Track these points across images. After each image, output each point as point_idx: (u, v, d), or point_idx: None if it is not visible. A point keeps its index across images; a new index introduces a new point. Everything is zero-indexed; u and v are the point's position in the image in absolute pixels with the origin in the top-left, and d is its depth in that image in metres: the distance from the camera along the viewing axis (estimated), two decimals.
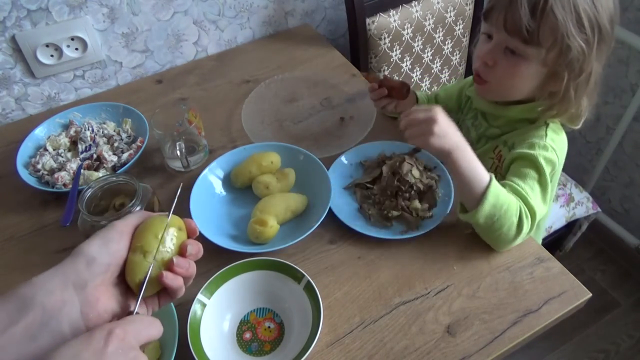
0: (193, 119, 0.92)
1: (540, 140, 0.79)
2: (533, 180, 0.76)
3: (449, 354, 0.67)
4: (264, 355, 0.68)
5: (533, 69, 0.75)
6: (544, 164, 0.76)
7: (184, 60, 1.24)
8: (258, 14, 1.25)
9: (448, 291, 0.74)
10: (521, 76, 0.77)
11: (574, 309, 0.72)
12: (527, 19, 0.70)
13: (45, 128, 1.00)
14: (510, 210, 0.71)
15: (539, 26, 0.70)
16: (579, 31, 0.70)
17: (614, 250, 1.70)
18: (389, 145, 0.94)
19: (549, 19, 0.70)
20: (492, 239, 0.76)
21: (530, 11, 0.70)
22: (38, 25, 1.02)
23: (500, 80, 0.79)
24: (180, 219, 0.52)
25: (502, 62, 0.77)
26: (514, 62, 0.76)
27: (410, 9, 1.27)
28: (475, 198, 0.71)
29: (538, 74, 0.76)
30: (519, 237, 0.73)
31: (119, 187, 0.76)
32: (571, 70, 0.73)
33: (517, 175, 0.77)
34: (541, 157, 0.76)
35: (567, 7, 0.69)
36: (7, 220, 0.88)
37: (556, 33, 0.70)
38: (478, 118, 0.93)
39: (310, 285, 0.71)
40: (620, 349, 1.50)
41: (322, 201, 0.83)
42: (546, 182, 0.76)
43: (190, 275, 0.49)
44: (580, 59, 0.72)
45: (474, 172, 0.71)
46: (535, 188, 0.76)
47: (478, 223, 0.72)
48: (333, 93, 1.11)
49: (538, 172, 0.76)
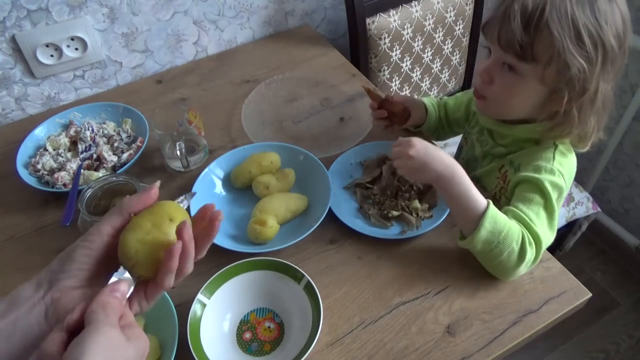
0: (193, 119, 0.92)
1: (547, 164, 0.74)
2: (538, 205, 0.72)
3: (449, 354, 0.67)
4: (264, 355, 0.68)
5: (531, 86, 0.71)
6: (550, 189, 0.72)
7: (184, 60, 1.24)
8: (258, 14, 1.25)
9: (448, 291, 0.74)
10: (518, 94, 0.73)
11: (574, 309, 0.72)
12: (520, 34, 0.66)
13: (45, 128, 1.00)
14: (510, 237, 0.68)
15: (533, 41, 0.67)
16: (578, 48, 0.65)
17: (614, 250, 1.70)
18: (389, 145, 0.93)
19: (543, 34, 0.66)
20: (492, 266, 0.73)
21: (523, 25, 0.66)
22: (38, 25, 1.02)
23: (497, 97, 0.76)
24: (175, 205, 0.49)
25: (499, 79, 0.74)
26: (511, 79, 0.72)
27: (410, 9, 1.27)
28: (471, 224, 0.69)
29: (537, 92, 0.72)
30: (521, 265, 0.69)
31: (119, 187, 0.76)
32: (572, 89, 0.68)
33: (521, 200, 0.73)
34: (547, 181, 0.72)
35: (564, 21, 0.65)
36: (7, 220, 0.88)
37: (552, 49, 0.66)
38: (484, 134, 0.89)
39: (310, 285, 0.71)
40: (620, 349, 1.50)
41: (322, 201, 0.83)
42: (552, 208, 0.72)
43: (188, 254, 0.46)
44: (581, 78, 0.67)
45: (466, 198, 0.70)
46: (541, 214, 0.72)
47: (475, 249, 0.71)
48: (333, 93, 1.11)
49: (544, 198, 0.72)
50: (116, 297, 0.42)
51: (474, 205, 0.69)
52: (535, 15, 0.65)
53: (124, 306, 0.43)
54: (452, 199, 0.71)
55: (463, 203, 0.70)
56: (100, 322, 0.39)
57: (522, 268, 0.70)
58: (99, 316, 0.39)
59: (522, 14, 0.66)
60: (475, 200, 0.70)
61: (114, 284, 0.42)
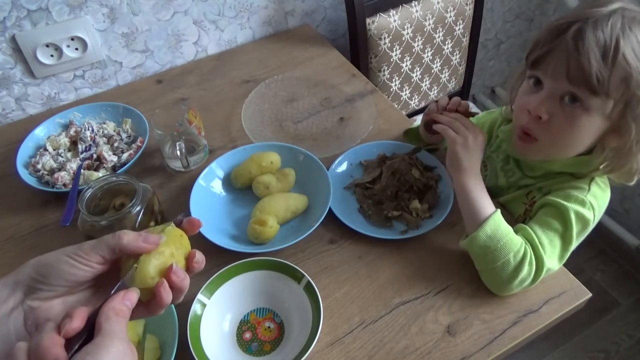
0: (193, 119, 0.92)
1: (580, 194, 0.70)
2: (555, 232, 0.70)
3: (449, 354, 0.67)
4: (264, 355, 0.68)
5: (595, 121, 0.65)
6: (574, 220, 0.69)
7: (184, 60, 1.24)
8: (258, 14, 1.25)
9: (448, 291, 0.74)
10: (581, 131, 0.67)
11: (574, 309, 0.72)
12: (598, 66, 0.61)
13: (45, 128, 1.00)
14: (508, 248, 0.67)
15: (610, 74, 0.61)
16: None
17: (614, 250, 1.70)
18: (389, 145, 0.94)
19: (621, 67, 0.61)
20: (486, 275, 0.72)
21: (602, 57, 0.61)
22: (38, 25, 1.02)
23: (555, 136, 0.69)
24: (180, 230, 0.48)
25: (559, 115, 0.67)
26: (573, 114, 0.65)
27: (410, 9, 1.27)
28: (475, 224, 0.70)
29: (600, 127, 0.66)
30: (515, 280, 0.68)
31: (119, 187, 0.76)
32: (638, 124, 0.64)
33: (538, 222, 0.71)
34: (573, 211, 0.69)
35: (638, 54, 0.61)
36: (7, 220, 0.88)
37: (627, 83, 0.62)
38: (510, 163, 0.84)
39: (310, 285, 0.71)
40: (620, 349, 1.49)
41: (322, 201, 0.83)
42: (570, 239, 0.69)
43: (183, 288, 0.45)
44: None
45: (478, 199, 0.71)
46: (556, 242, 0.70)
47: (472, 251, 0.71)
48: (333, 93, 1.11)
49: (564, 226, 0.69)
50: (127, 306, 0.40)
51: (482, 210, 0.70)
52: (612, 47, 0.61)
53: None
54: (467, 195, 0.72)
55: (474, 203, 0.71)
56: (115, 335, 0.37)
57: (515, 284, 0.69)
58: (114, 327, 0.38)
59: (599, 46, 0.61)
60: (484, 205, 0.71)
61: (127, 292, 0.41)
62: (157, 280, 0.43)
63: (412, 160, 0.88)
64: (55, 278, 0.42)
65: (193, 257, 0.47)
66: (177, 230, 0.47)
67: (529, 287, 0.71)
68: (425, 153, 0.91)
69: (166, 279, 0.43)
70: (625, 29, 0.62)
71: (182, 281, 0.44)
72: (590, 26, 0.62)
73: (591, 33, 0.62)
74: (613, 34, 0.61)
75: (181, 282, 0.44)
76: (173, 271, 0.44)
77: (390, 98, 1.39)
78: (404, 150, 0.92)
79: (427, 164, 0.90)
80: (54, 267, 0.42)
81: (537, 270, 0.69)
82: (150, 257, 0.43)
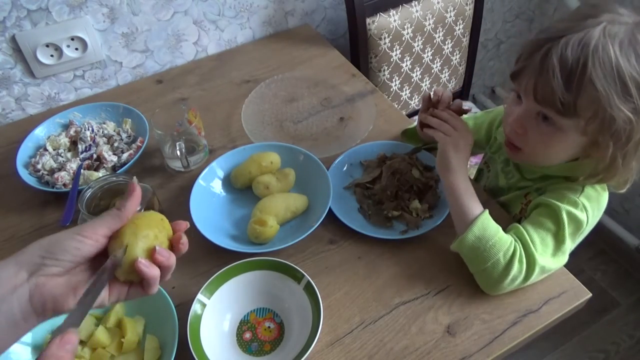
0: (193, 119, 0.92)
1: (573, 195, 0.71)
2: (547, 232, 0.70)
3: (449, 354, 0.67)
4: (264, 355, 0.68)
5: (571, 138, 0.66)
6: (566, 220, 0.69)
7: (184, 60, 1.24)
8: (258, 14, 1.25)
9: (448, 291, 0.74)
10: (556, 146, 0.69)
11: (574, 309, 0.72)
12: (562, 91, 0.61)
13: (45, 128, 1.00)
14: (498, 247, 0.67)
15: (575, 98, 0.61)
16: (624, 100, 0.60)
17: (614, 250, 1.70)
18: (389, 145, 0.94)
19: (587, 91, 0.60)
20: (478, 276, 0.72)
21: (564, 82, 0.60)
22: (38, 25, 1.02)
23: (533, 148, 0.71)
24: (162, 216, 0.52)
25: (534, 130, 0.68)
26: (548, 130, 0.67)
27: (410, 9, 1.27)
28: (463, 226, 0.71)
29: (577, 142, 0.67)
30: (505, 279, 0.68)
31: (119, 187, 0.76)
32: (617, 140, 0.63)
33: (531, 221, 0.72)
34: (565, 211, 0.69)
35: (609, 75, 0.59)
36: (7, 220, 0.88)
37: (597, 105, 0.61)
38: (510, 166, 0.85)
39: (310, 285, 0.71)
40: (620, 349, 1.49)
41: (322, 201, 0.83)
42: (563, 239, 0.70)
43: (170, 265, 0.48)
44: (627, 129, 0.62)
45: (467, 200, 0.72)
46: (548, 241, 0.70)
47: (463, 252, 0.72)
48: (333, 93, 1.11)
49: (557, 226, 0.70)
50: (68, 350, 0.41)
51: (471, 211, 0.71)
52: (578, 70, 0.60)
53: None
54: (457, 195, 0.73)
55: (462, 203, 0.72)
56: None
57: (506, 283, 0.68)
58: None
59: (563, 69, 0.60)
60: (473, 205, 0.72)
61: (65, 335, 0.41)
62: None
63: (412, 160, 0.88)
64: (62, 253, 0.44)
65: (179, 239, 0.50)
66: (157, 214, 0.51)
67: (522, 285, 0.71)
68: (425, 153, 0.91)
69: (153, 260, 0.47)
70: (598, 49, 0.60)
71: (167, 260, 0.48)
72: (559, 47, 0.61)
73: (558, 55, 0.61)
74: (582, 56, 0.60)
75: (167, 261, 0.48)
76: (158, 252, 0.47)
77: (390, 98, 1.39)
78: (404, 150, 0.92)
79: (427, 164, 0.90)
80: (61, 243, 0.45)
81: (529, 268, 0.68)
82: (138, 240, 0.47)
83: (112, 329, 0.69)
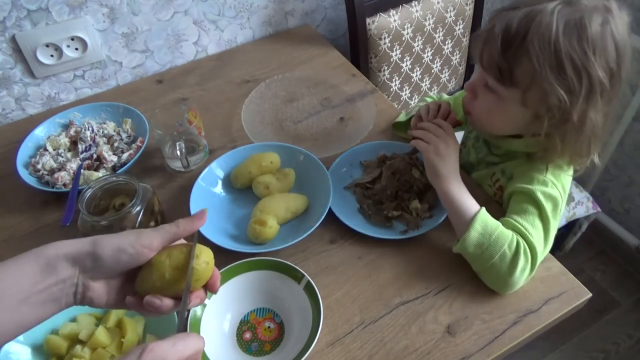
0: (193, 119, 0.92)
1: (540, 175, 0.73)
2: (533, 216, 0.71)
3: (449, 354, 0.67)
4: (264, 355, 0.68)
5: (512, 108, 0.70)
6: (542, 200, 0.71)
7: (184, 60, 1.24)
8: (258, 14, 1.25)
9: (448, 291, 0.74)
10: (499, 114, 0.72)
11: (574, 309, 0.73)
12: (499, 57, 0.64)
13: (45, 128, 1.00)
14: (502, 240, 0.68)
15: (511, 66, 0.64)
16: (558, 77, 0.62)
17: (614, 250, 1.70)
18: (389, 145, 0.94)
19: (522, 61, 0.63)
20: (486, 274, 0.72)
21: (502, 49, 0.64)
22: (38, 25, 1.02)
23: (479, 114, 0.75)
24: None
25: (482, 97, 0.73)
26: (491, 99, 0.71)
27: (410, 9, 1.27)
28: (464, 226, 0.71)
29: (519, 113, 0.70)
30: (515, 272, 0.68)
31: (119, 187, 0.76)
32: (551, 116, 0.65)
33: (516, 211, 0.73)
34: (539, 192, 0.71)
35: (545, 50, 0.61)
36: (7, 220, 0.88)
37: (532, 76, 0.63)
38: (480, 141, 0.89)
39: (310, 285, 0.71)
40: (620, 349, 1.49)
41: (322, 201, 0.83)
42: (547, 218, 0.71)
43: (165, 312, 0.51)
44: (562, 107, 0.64)
45: (463, 202, 0.72)
46: (537, 224, 0.71)
47: (468, 252, 0.71)
48: (333, 93, 1.11)
49: (538, 208, 0.72)
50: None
51: (468, 210, 0.72)
52: (517, 40, 0.63)
53: None
54: (451, 199, 0.73)
55: (459, 205, 0.73)
56: None
57: (516, 276, 0.69)
58: None
59: (503, 38, 0.64)
60: (469, 204, 0.72)
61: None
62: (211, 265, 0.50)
63: (412, 160, 0.88)
64: (109, 267, 0.47)
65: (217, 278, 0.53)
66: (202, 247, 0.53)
67: (529, 278, 0.71)
68: None
69: None
70: (541, 24, 0.61)
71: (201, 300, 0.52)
72: (507, 17, 0.64)
73: (502, 24, 0.64)
74: (524, 27, 0.62)
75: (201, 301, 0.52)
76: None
77: (390, 98, 1.39)
78: (404, 150, 0.92)
79: None
80: (111, 258, 0.47)
81: (533, 258, 0.69)
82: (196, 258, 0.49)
83: (112, 329, 0.69)
